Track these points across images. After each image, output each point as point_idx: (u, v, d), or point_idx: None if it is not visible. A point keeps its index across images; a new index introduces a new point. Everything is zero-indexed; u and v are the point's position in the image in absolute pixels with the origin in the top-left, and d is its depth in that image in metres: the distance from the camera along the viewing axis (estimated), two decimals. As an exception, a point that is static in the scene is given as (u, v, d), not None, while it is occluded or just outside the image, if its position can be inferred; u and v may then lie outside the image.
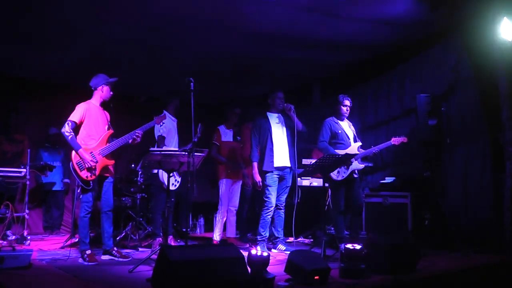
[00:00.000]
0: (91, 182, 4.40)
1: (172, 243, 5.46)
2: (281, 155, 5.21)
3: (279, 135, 5.26)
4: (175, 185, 5.50)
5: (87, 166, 4.36)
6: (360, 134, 5.58)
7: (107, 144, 4.53)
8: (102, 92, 4.61)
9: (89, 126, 4.51)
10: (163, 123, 5.14)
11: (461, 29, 5.22)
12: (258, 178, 5.19)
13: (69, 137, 4.36)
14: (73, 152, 4.38)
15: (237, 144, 6.20)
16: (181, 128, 5.75)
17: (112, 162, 4.59)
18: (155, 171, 5.41)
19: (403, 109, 6.10)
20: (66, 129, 4.37)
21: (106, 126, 4.63)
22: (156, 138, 5.55)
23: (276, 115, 5.37)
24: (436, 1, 4.79)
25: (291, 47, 5.82)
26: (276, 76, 6.92)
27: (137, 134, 4.54)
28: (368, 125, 6.61)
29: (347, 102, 5.29)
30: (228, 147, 6.11)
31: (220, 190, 6.03)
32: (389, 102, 6.32)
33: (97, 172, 4.43)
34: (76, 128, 4.47)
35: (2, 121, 6.31)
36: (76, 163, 4.35)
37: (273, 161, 5.15)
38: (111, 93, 4.67)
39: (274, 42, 5.65)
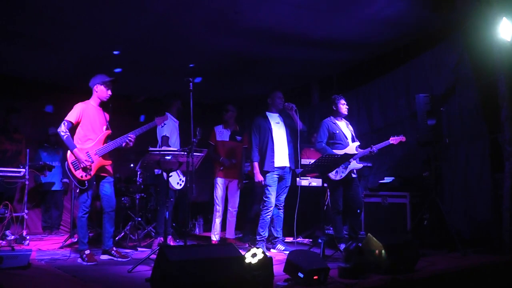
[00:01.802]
0: (86, 182, 4.39)
1: (171, 243, 5.46)
2: (281, 155, 5.22)
3: (279, 135, 5.27)
4: (180, 184, 5.48)
5: (82, 166, 4.34)
6: (358, 135, 5.57)
7: (104, 145, 4.53)
8: (96, 91, 4.59)
9: (86, 126, 4.50)
10: (164, 124, 5.12)
11: (461, 29, 5.22)
12: (260, 178, 5.19)
13: (65, 136, 4.35)
14: (69, 151, 4.38)
15: (236, 143, 6.10)
16: (183, 130, 5.69)
17: (109, 162, 4.58)
18: (159, 171, 5.38)
19: (400, 109, 6.09)
20: (62, 129, 4.36)
21: (104, 127, 4.62)
22: (159, 138, 5.52)
23: (276, 115, 5.37)
24: (437, 1, 4.79)
25: (291, 46, 5.82)
26: (276, 76, 6.92)
27: (129, 138, 4.52)
28: (367, 125, 6.60)
29: (343, 101, 5.29)
30: (224, 146, 6.01)
31: (214, 189, 5.98)
32: (389, 103, 6.31)
33: (92, 172, 4.41)
34: (73, 128, 4.46)
35: (2, 121, 6.31)
36: (71, 163, 4.34)
37: (273, 161, 5.15)
38: (109, 92, 4.63)
39: (273, 42, 5.65)
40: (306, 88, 7.78)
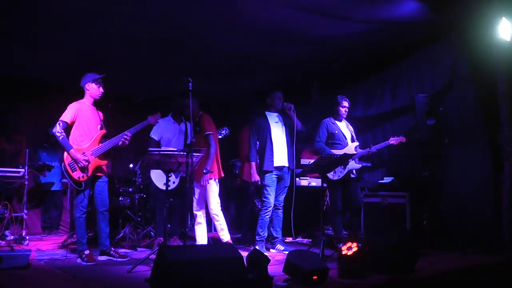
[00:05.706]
0: (83, 183, 4.38)
1: (176, 243, 5.44)
2: (281, 154, 5.21)
3: (278, 135, 5.26)
4: (168, 185, 5.38)
5: (80, 165, 4.32)
6: (357, 133, 5.57)
7: (100, 145, 4.51)
8: (88, 90, 4.57)
9: (81, 126, 4.48)
10: (158, 122, 5.01)
11: (460, 29, 5.22)
12: (256, 178, 5.18)
13: (60, 137, 4.33)
14: (65, 153, 4.35)
15: (198, 136, 5.17)
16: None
17: (105, 162, 4.56)
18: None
19: (399, 108, 6.08)
20: (57, 129, 4.34)
21: (99, 126, 4.60)
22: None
23: (275, 114, 5.37)
24: (436, 1, 4.79)
25: (290, 45, 5.81)
26: (275, 74, 6.91)
27: (125, 137, 4.50)
28: (364, 123, 6.59)
29: (346, 103, 5.29)
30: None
31: None
32: (387, 101, 6.29)
33: (89, 173, 4.40)
34: (68, 128, 4.44)
35: (1, 121, 6.31)
36: (68, 164, 4.33)
37: (273, 161, 5.14)
38: (101, 90, 4.60)
39: (273, 41, 5.63)
40: (306, 87, 7.77)
